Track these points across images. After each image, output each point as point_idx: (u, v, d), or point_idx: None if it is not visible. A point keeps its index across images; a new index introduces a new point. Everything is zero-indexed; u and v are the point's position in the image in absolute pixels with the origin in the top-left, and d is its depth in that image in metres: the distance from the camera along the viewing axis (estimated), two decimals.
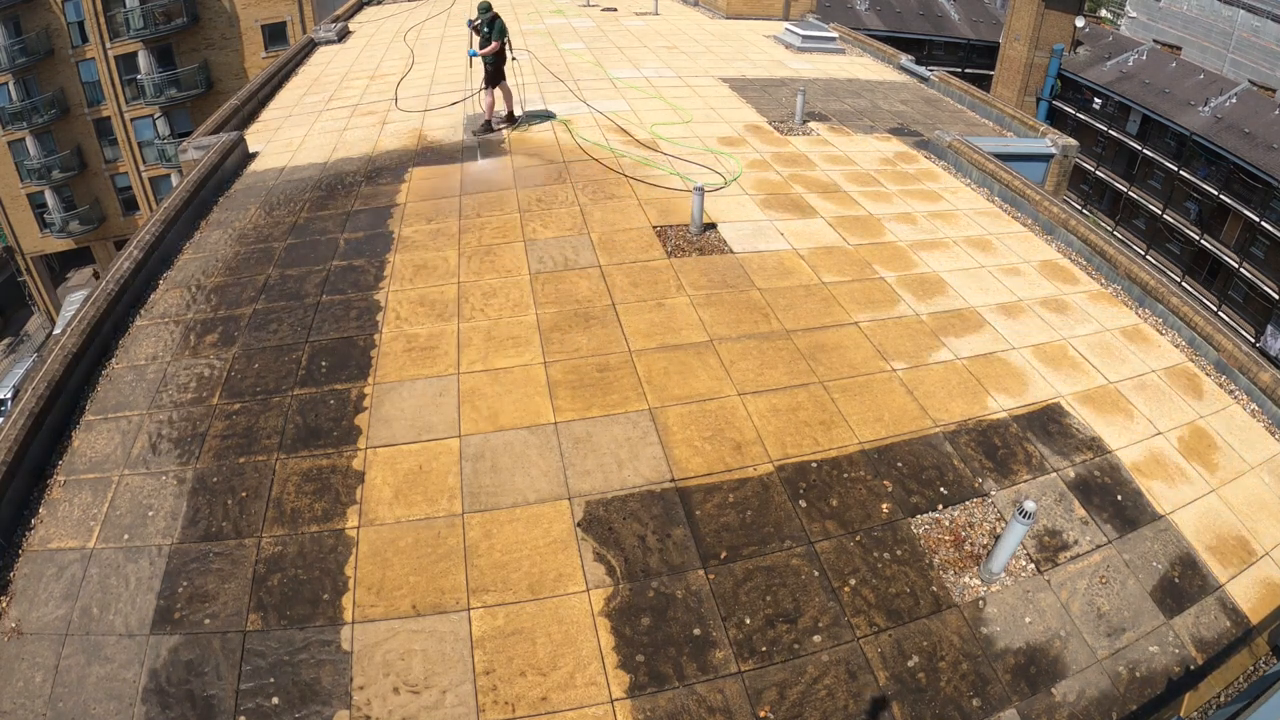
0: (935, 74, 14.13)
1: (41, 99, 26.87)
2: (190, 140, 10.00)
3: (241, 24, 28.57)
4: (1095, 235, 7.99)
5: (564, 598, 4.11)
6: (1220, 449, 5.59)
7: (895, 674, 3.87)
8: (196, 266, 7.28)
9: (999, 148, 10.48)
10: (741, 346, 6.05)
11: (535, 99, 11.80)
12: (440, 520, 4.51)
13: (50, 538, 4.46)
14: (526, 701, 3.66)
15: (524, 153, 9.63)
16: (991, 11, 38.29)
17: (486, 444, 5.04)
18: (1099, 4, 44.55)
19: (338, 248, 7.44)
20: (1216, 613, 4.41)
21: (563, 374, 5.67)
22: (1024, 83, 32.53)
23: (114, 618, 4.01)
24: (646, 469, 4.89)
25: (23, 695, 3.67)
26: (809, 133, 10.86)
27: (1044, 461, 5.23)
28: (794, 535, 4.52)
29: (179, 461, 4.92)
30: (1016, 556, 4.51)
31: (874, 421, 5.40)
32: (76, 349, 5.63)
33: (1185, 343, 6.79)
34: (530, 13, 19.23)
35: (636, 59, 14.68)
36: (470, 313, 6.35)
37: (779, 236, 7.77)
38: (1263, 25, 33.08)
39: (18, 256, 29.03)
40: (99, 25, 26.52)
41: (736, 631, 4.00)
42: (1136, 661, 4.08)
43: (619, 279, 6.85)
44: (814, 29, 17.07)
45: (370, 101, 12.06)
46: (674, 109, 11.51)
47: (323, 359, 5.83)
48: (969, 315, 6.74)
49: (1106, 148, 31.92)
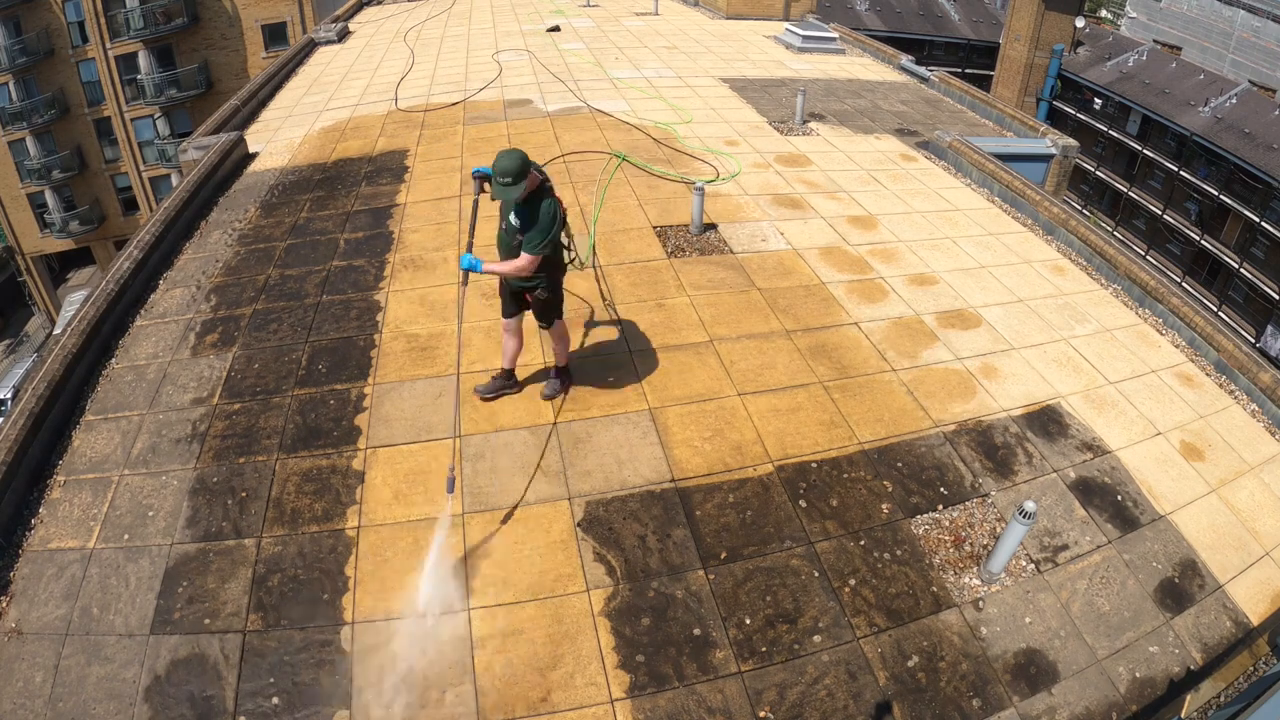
0: (935, 74, 14.13)
1: (41, 99, 26.88)
2: (190, 140, 10.00)
3: (242, 24, 28.58)
4: (1095, 235, 7.99)
5: (564, 598, 4.11)
6: (1220, 449, 5.59)
7: (895, 674, 3.87)
8: (196, 266, 7.28)
9: (999, 148, 10.48)
10: (742, 346, 6.05)
11: (536, 99, 11.80)
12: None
13: (50, 538, 4.46)
14: (526, 702, 3.65)
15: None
16: (991, 12, 38.31)
17: (487, 444, 5.04)
18: (1099, 4, 44.57)
19: (338, 248, 7.44)
20: (1216, 613, 4.41)
21: None
22: (1024, 83, 32.55)
23: (114, 618, 4.00)
24: (646, 469, 4.89)
25: (23, 695, 3.67)
26: (809, 133, 10.86)
27: (1044, 461, 5.23)
28: (794, 535, 4.52)
29: (179, 461, 4.92)
30: (1016, 557, 4.51)
31: (874, 421, 5.40)
32: (76, 349, 5.63)
33: (1185, 343, 6.79)
34: (530, 13, 19.24)
35: (637, 59, 14.68)
36: (471, 312, 6.35)
37: (779, 236, 7.77)
38: (1263, 25, 33.09)
39: (18, 257, 29.03)
40: (99, 25, 26.53)
41: (736, 632, 3.99)
42: (1136, 662, 4.08)
43: (619, 279, 6.85)
44: (814, 29, 17.07)
45: (371, 101, 12.06)
46: (674, 109, 11.51)
47: (323, 359, 5.83)
48: (969, 315, 6.74)
49: (1107, 148, 31.94)
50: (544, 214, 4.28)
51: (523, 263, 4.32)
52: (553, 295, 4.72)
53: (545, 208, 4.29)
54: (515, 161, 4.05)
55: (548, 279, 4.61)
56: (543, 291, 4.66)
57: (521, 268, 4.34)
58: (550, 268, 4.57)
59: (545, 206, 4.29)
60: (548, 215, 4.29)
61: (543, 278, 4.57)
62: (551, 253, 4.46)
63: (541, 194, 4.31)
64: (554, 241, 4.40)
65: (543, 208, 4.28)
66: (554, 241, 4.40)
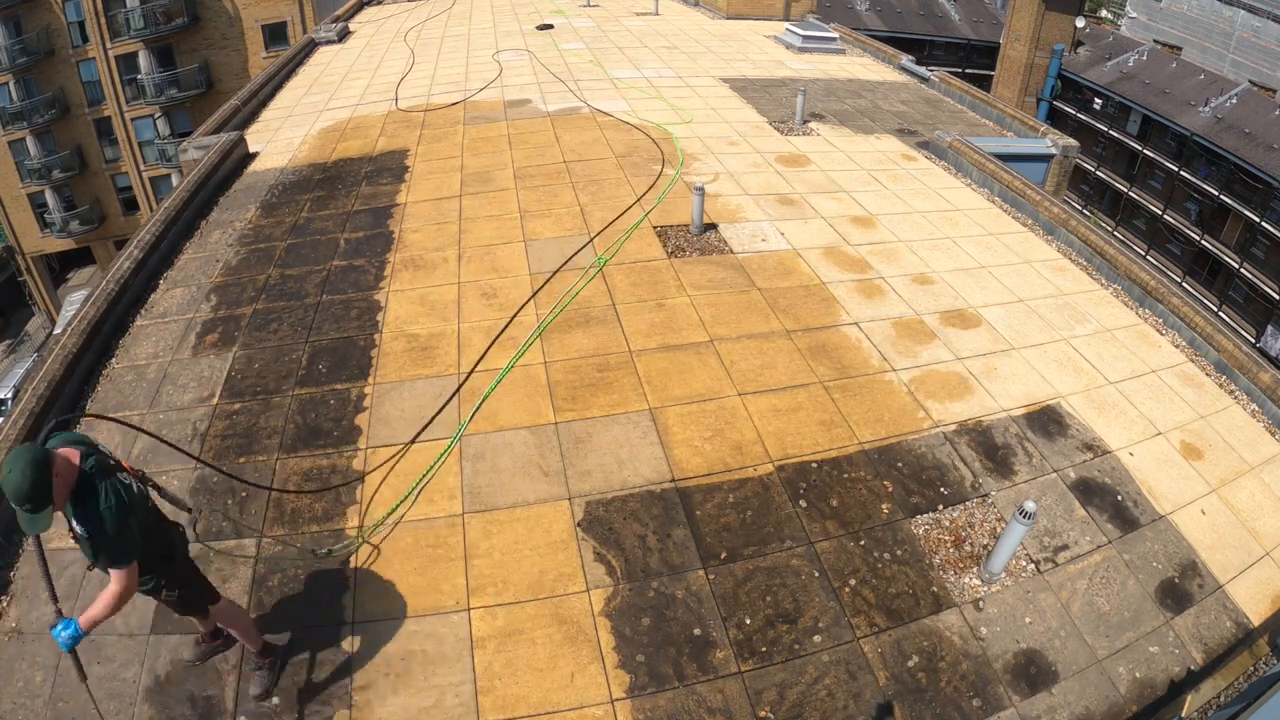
0: (935, 74, 14.13)
1: (42, 99, 26.86)
2: (190, 140, 10.01)
3: (242, 24, 28.57)
4: (1095, 235, 7.99)
5: (564, 598, 4.11)
6: (1220, 449, 5.59)
7: (895, 674, 3.87)
8: (197, 266, 7.28)
9: (999, 148, 10.47)
10: (742, 346, 6.05)
11: (536, 99, 11.80)
12: (440, 520, 4.51)
13: (50, 538, 4.45)
14: (526, 702, 3.65)
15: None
16: (992, 12, 38.28)
17: (487, 444, 5.04)
18: (1099, 4, 44.56)
19: (338, 247, 7.44)
20: (1216, 613, 4.41)
21: (563, 374, 5.66)
22: (1024, 83, 32.52)
23: (114, 617, 3.99)
24: (647, 469, 4.88)
25: (23, 695, 3.67)
26: (809, 133, 10.86)
27: (1044, 461, 5.22)
28: (794, 535, 4.52)
29: (180, 461, 4.91)
30: (1017, 557, 4.51)
31: (874, 421, 5.40)
32: (76, 349, 5.64)
33: (1185, 343, 6.79)
34: (530, 13, 19.23)
35: (637, 59, 14.68)
36: (470, 313, 6.35)
37: (779, 236, 7.76)
38: (1263, 25, 33.07)
39: (18, 256, 29.03)
40: (99, 25, 26.52)
41: (737, 632, 3.99)
42: (1136, 662, 4.08)
43: (619, 279, 6.85)
44: (814, 29, 17.06)
45: (371, 101, 12.06)
46: (675, 109, 11.51)
47: (323, 359, 5.83)
48: (969, 315, 6.74)
49: (1107, 148, 31.92)
50: (105, 516, 2.83)
51: (116, 586, 2.91)
52: (184, 589, 3.39)
53: (105, 505, 2.84)
54: (25, 474, 2.59)
55: (161, 578, 3.26)
56: (167, 593, 3.34)
57: (121, 592, 2.92)
58: (155, 564, 3.18)
59: (104, 504, 2.84)
60: (111, 513, 2.84)
61: (151, 578, 3.20)
62: (148, 548, 3.05)
63: (92, 490, 2.83)
64: (133, 537, 2.93)
65: (101, 507, 2.83)
66: (133, 537, 2.93)
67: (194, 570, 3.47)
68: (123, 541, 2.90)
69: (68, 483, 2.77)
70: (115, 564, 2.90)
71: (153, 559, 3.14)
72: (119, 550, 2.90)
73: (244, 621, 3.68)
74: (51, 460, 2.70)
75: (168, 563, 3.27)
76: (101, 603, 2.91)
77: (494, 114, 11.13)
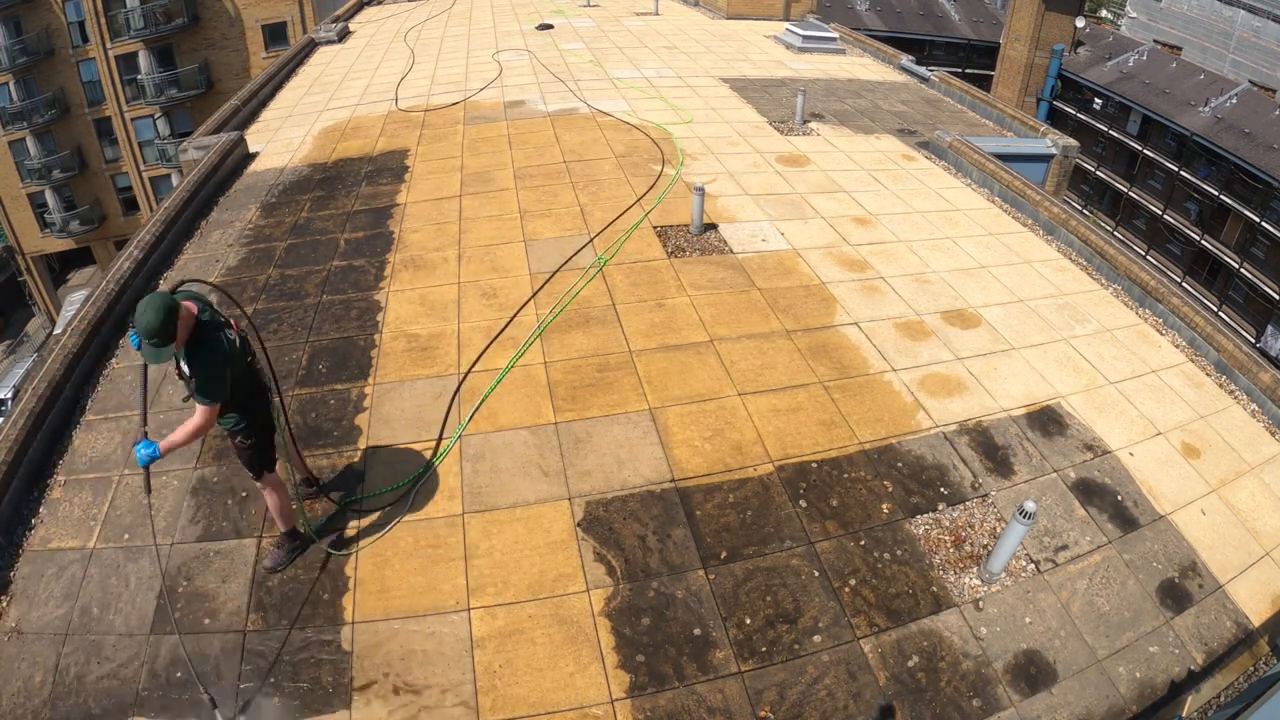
0: (935, 74, 14.13)
1: (42, 99, 26.88)
2: (190, 140, 10.01)
3: (242, 24, 28.58)
4: (1095, 235, 7.99)
5: (564, 598, 4.11)
6: (1220, 449, 5.59)
7: (895, 674, 3.87)
8: (197, 266, 7.28)
9: (999, 148, 10.47)
10: (742, 346, 6.05)
11: (536, 99, 11.80)
12: (440, 520, 4.51)
13: (50, 537, 4.46)
14: (526, 702, 3.65)
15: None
16: (991, 12, 38.28)
17: (487, 444, 5.04)
18: (1099, 4, 44.57)
19: (338, 248, 7.44)
20: (1217, 613, 4.41)
21: (563, 374, 5.66)
22: (1024, 83, 32.53)
23: (114, 617, 4.01)
24: (647, 469, 4.88)
25: (23, 695, 3.67)
26: (809, 133, 10.86)
27: (1044, 461, 5.22)
28: (794, 535, 4.52)
29: (180, 461, 4.92)
30: (1017, 557, 4.51)
31: (874, 421, 5.40)
32: (76, 349, 5.64)
33: (1185, 343, 6.79)
34: (530, 13, 19.24)
35: (637, 59, 14.68)
36: (470, 313, 6.35)
37: (779, 236, 7.76)
38: (1263, 25, 33.08)
39: (18, 256, 29.03)
40: (99, 25, 26.54)
41: (736, 631, 3.99)
42: (1136, 662, 4.08)
43: (619, 279, 6.85)
44: (814, 29, 17.06)
45: (371, 101, 12.07)
46: (675, 109, 11.51)
47: (323, 359, 5.83)
48: (969, 315, 6.74)
49: (1107, 148, 31.92)
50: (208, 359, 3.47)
51: (198, 420, 3.53)
52: (256, 440, 3.92)
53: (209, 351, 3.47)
54: (157, 315, 3.19)
55: (242, 421, 3.83)
56: (242, 439, 3.89)
57: (200, 426, 3.54)
58: (240, 409, 3.80)
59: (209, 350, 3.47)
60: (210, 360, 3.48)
61: (235, 418, 3.81)
62: (233, 395, 3.65)
63: (203, 338, 3.46)
64: (224, 382, 3.54)
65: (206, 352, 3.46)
66: (224, 382, 3.54)
67: (267, 436, 3.98)
68: (215, 383, 3.50)
69: (187, 327, 3.36)
70: (203, 400, 3.50)
71: (238, 405, 3.78)
72: (209, 389, 3.49)
73: (285, 499, 4.17)
74: (178, 307, 3.29)
75: (248, 414, 3.85)
76: (181, 431, 3.55)
77: (494, 114, 11.13)
